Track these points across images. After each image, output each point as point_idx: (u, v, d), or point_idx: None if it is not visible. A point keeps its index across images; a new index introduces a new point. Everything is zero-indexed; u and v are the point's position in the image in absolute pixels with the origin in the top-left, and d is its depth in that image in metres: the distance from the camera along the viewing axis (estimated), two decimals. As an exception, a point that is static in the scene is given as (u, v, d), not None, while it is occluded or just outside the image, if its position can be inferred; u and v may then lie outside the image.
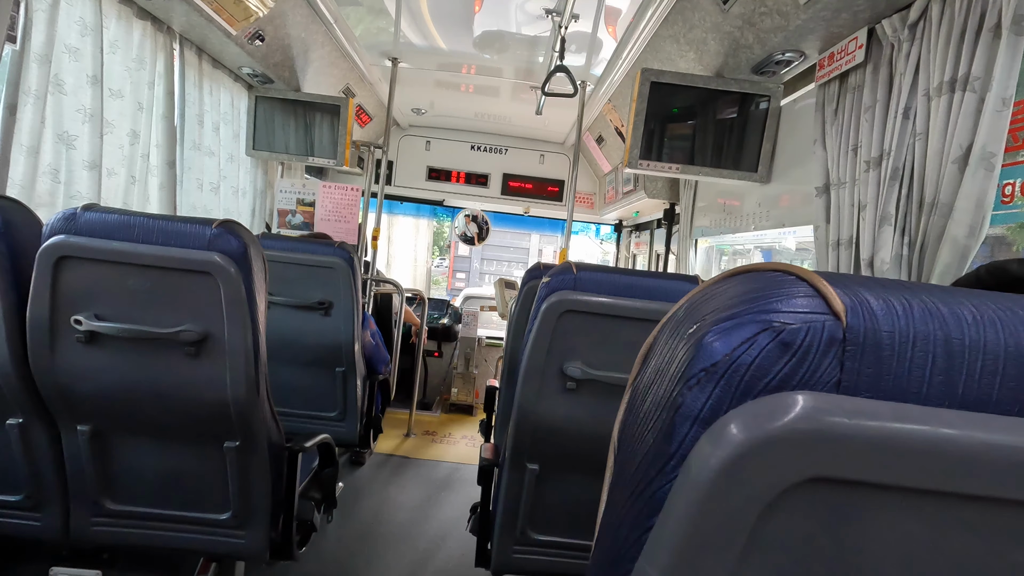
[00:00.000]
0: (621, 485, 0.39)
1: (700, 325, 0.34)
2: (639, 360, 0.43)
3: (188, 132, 2.50)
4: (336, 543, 2.28)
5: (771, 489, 0.30)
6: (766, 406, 0.30)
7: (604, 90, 3.13)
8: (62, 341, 1.18)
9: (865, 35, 1.54)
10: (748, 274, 0.37)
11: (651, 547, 0.34)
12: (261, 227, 3.30)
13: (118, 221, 1.14)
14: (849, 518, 0.31)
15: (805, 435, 0.29)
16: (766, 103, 2.15)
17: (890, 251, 1.39)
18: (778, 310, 0.32)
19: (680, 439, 0.33)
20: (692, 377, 0.33)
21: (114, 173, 2.08)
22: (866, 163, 1.49)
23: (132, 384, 1.22)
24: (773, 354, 0.31)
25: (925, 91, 1.34)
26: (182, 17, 2.15)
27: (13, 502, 1.32)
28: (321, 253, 2.14)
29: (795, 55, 1.86)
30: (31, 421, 1.26)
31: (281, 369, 2.29)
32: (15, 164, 1.67)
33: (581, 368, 1.24)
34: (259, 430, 1.29)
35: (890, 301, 0.32)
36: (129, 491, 1.35)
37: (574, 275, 1.22)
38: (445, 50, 2.93)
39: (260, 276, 1.22)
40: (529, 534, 1.45)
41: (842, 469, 0.30)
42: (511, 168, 4.53)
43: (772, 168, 2.20)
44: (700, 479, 0.31)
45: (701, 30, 2.05)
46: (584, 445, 1.31)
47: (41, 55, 1.68)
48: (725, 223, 2.61)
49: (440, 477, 3.05)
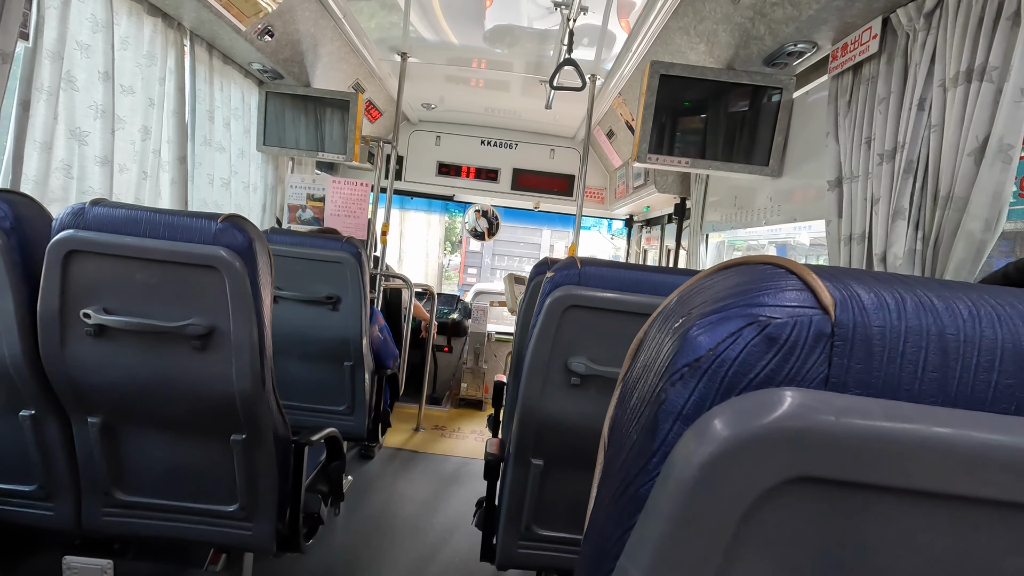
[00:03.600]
0: (608, 482, 0.38)
1: (686, 319, 0.33)
2: (630, 354, 0.42)
3: (199, 128, 2.52)
4: (344, 536, 2.29)
5: (755, 488, 0.29)
6: (750, 402, 0.29)
7: (614, 84, 3.10)
8: (72, 334, 1.20)
9: (879, 25, 1.50)
10: (739, 267, 0.36)
11: (633, 546, 0.33)
12: (272, 222, 3.32)
13: (125, 216, 1.15)
14: (837, 518, 0.30)
15: (791, 433, 0.28)
16: (778, 95, 2.11)
17: (903, 246, 1.36)
18: (765, 303, 0.31)
19: (663, 436, 0.32)
20: (676, 372, 0.32)
21: (126, 169, 2.10)
22: (880, 156, 1.45)
23: (140, 377, 1.23)
24: (759, 349, 0.30)
25: (941, 82, 1.30)
26: (192, 13, 2.16)
27: (27, 492, 1.35)
28: (329, 248, 2.15)
29: (807, 46, 1.82)
30: (43, 413, 1.29)
31: (290, 363, 2.31)
32: (29, 160, 1.69)
33: (585, 364, 1.23)
34: (265, 423, 1.30)
35: (882, 295, 0.31)
36: (139, 482, 1.37)
37: (578, 270, 1.21)
38: (455, 44, 2.92)
39: (265, 270, 1.23)
40: (533, 529, 1.44)
41: (830, 468, 0.29)
42: (521, 163, 4.52)
43: (784, 162, 2.16)
44: (682, 477, 0.30)
45: (712, 22, 2.02)
46: (588, 441, 1.30)
47: (53, 52, 1.71)
48: (736, 218, 2.57)
49: (449, 471, 3.06)
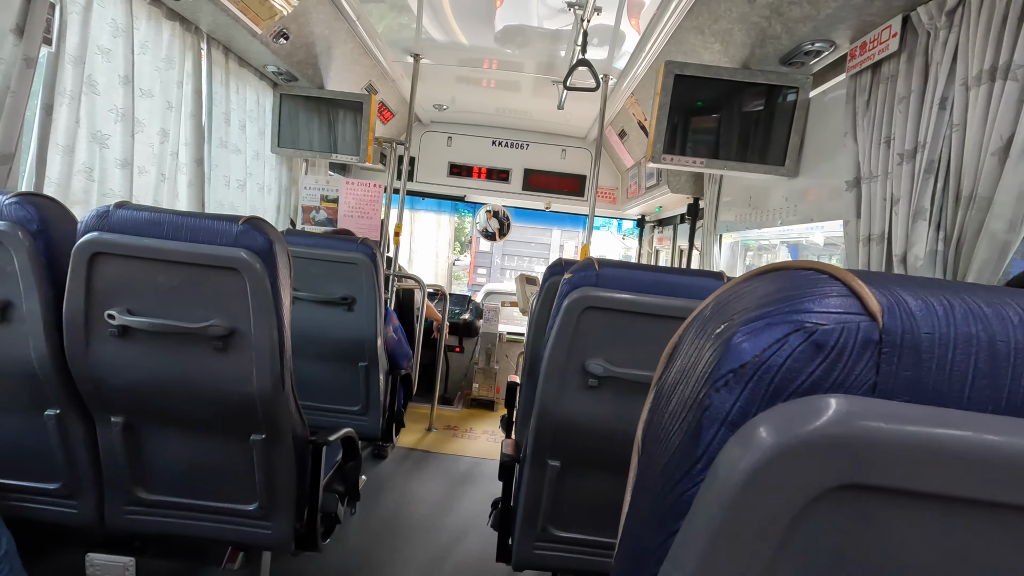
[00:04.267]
0: (646, 487, 0.38)
1: (728, 325, 0.33)
2: (664, 359, 0.42)
3: (215, 130, 2.54)
4: (359, 535, 2.31)
5: (802, 495, 0.29)
6: (797, 409, 0.29)
7: (627, 84, 3.09)
8: (96, 335, 1.22)
9: (899, 23, 1.48)
10: (779, 272, 0.36)
11: (677, 551, 0.33)
12: (286, 223, 3.35)
13: (148, 218, 1.17)
14: (884, 527, 0.30)
15: (839, 440, 0.28)
16: (794, 95, 2.10)
17: (924, 247, 1.35)
18: (810, 310, 0.31)
19: (707, 441, 0.32)
20: (720, 378, 0.32)
21: (145, 171, 2.13)
22: (899, 156, 1.44)
23: (162, 377, 1.25)
24: (805, 356, 0.30)
25: (963, 80, 1.29)
26: (209, 17, 2.19)
27: (51, 490, 1.37)
28: (344, 249, 2.16)
29: (825, 45, 1.81)
30: (67, 412, 1.31)
31: (305, 364, 2.33)
32: (52, 163, 1.72)
33: (603, 365, 1.22)
34: (284, 423, 1.31)
35: (929, 301, 0.30)
36: (160, 481, 1.39)
37: (596, 271, 1.21)
38: (466, 45, 2.92)
39: (285, 272, 1.24)
40: (550, 530, 1.44)
41: (878, 476, 0.29)
42: (532, 163, 4.51)
43: (800, 162, 2.15)
44: (728, 483, 0.30)
45: (727, 21, 2.00)
46: (606, 443, 1.30)
47: (75, 56, 1.73)
48: (751, 218, 2.56)
49: (461, 472, 3.07)
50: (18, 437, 1.34)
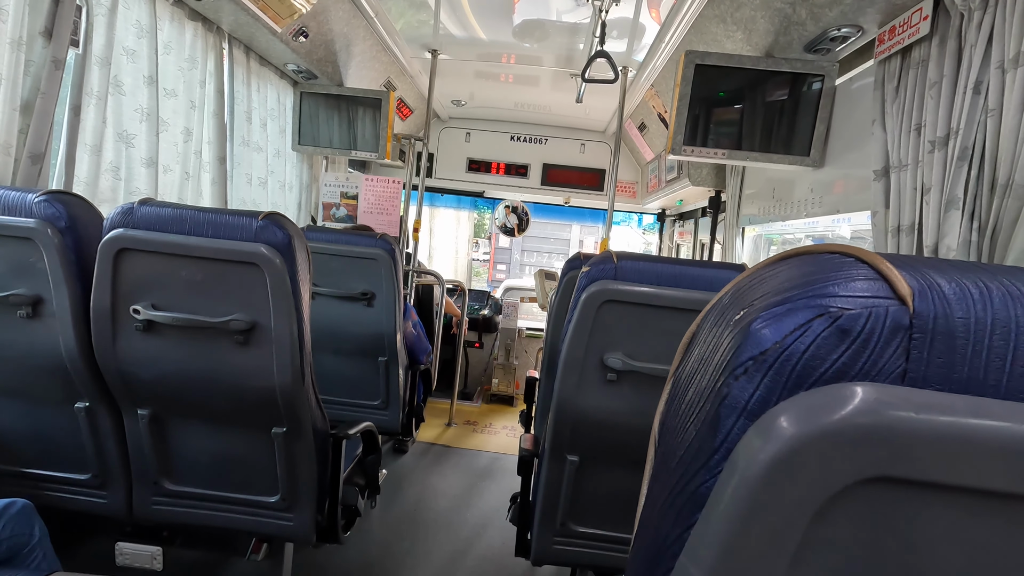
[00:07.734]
0: (662, 479, 0.37)
1: (748, 311, 0.32)
2: (681, 349, 0.41)
3: (237, 128, 2.58)
4: (380, 529, 2.33)
5: (826, 489, 0.28)
6: (821, 398, 0.28)
7: (646, 76, 3.05)
8: (123, 329, 1.24)
9: (931, 5, 1.43)
10: (802, 256, 0.34)
11: (694, 544, 0.32)
12: (306, 220, 3.39)
13: (171, 215, 1.19)
14: (914, 521, 0.28)
15: (867, 430, 0.27)
16: (819, 83, 2.04)
17: (957, 237, 1.30)
18: (835, 294, 0.29)
19: (726, 432, 0.31)
20: (739, 366, 0.31)
21: (169, 169, 2.17)
22: (931, 143, 1.39)
23: (186, 371, 1.27)
24: (830, 341, 0.28)
25: (999, 63, 1.23)
26: (230, 16, 2.22)
27: (82, 480, 1.41)
28: (364, 245, 2.18)
29: (852, 30, 1.76)
30: (96, 405, 1.34)
31: (326, 358, 2.35)
32: (80, 162, 1.76)
33: (622, 359, 1.21)
34: (305, 417, 1.33)
35: (964, 284, 0.29)
36: (186, 473, 1.41)
37: (615, 264, 1.20)
38: (484, 40, 2.91)
39: (304, 267, 1.25)
40: (569, 525, 1.44)
41: (908, 468, 0.27)
42: (551, 158, 4.49)
43: (826, 151, 2.09)
44: (747, 475, 0.29)
45: (749, 8, 1.96)
46: (625, 437, 1.28)
47: (102, 58, 1.77)
48: (774, 210, 2.50)
49: (481, 466, 3.08)
50: (50, 429, 1.38)
